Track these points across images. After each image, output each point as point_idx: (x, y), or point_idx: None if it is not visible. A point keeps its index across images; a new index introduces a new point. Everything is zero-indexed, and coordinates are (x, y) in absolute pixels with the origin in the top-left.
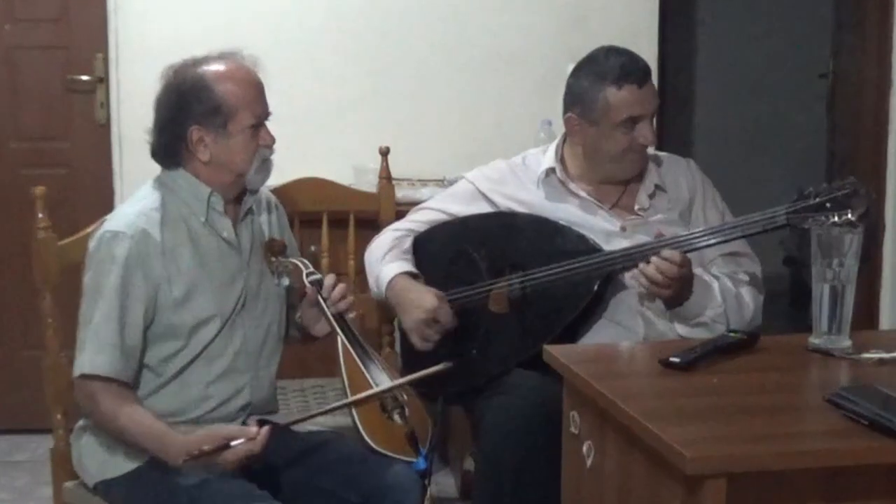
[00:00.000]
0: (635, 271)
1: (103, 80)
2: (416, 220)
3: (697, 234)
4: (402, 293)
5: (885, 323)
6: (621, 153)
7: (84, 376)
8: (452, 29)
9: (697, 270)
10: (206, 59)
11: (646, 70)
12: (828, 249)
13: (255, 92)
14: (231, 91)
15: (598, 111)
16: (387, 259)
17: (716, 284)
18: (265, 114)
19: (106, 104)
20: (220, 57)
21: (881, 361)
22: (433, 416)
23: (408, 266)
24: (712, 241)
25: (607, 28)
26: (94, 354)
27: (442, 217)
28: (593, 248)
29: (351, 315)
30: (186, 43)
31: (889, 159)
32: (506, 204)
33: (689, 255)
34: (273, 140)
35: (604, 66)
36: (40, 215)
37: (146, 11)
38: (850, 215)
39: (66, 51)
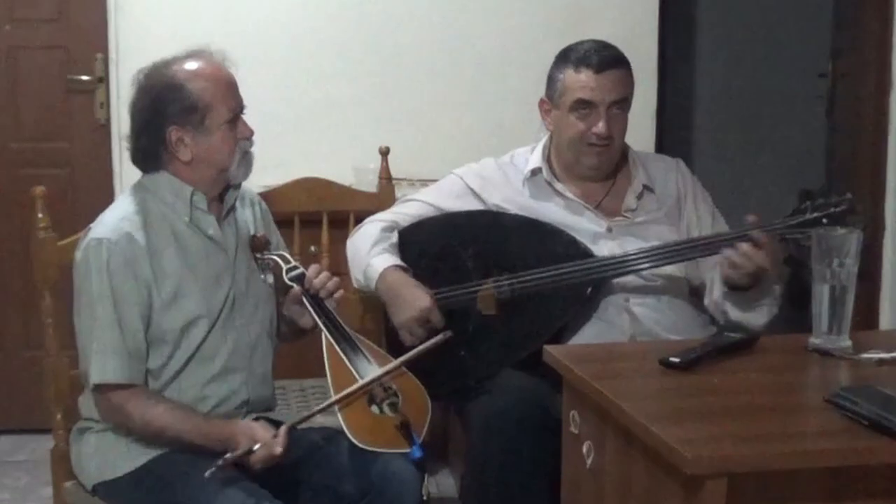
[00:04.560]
0: (728, 253)
1: (103, 80)
2: (402, 213)
3: (699, 242)
4: (395, 288)
5: (885, 323)
6: (578, 140)
7: (103, 387)
8: (452, 29)
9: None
10: (175, 59)
11: (611, 59)
12: (828, 250)
13: (228, 86)
14: (204, 87)
15: (557, 92)
16: (375, 251)
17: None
18: (240, 107)
19: (106, 104)
20: (189, 55)
21: (881, 361)
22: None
23: (398, 260)
24: (708, 252)
25: (607, 28)
26: (103, 363)
27: (429, 211)
28: (584, 253)
29: (337, 295)
30: (186, 43)
31: (889, 159)
32: (493, 201)
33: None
34: (251, 132)
35: (572, 50)
36: (40, 215)
37: (146, 11)
38: (847, 230)
39: (66, 51)
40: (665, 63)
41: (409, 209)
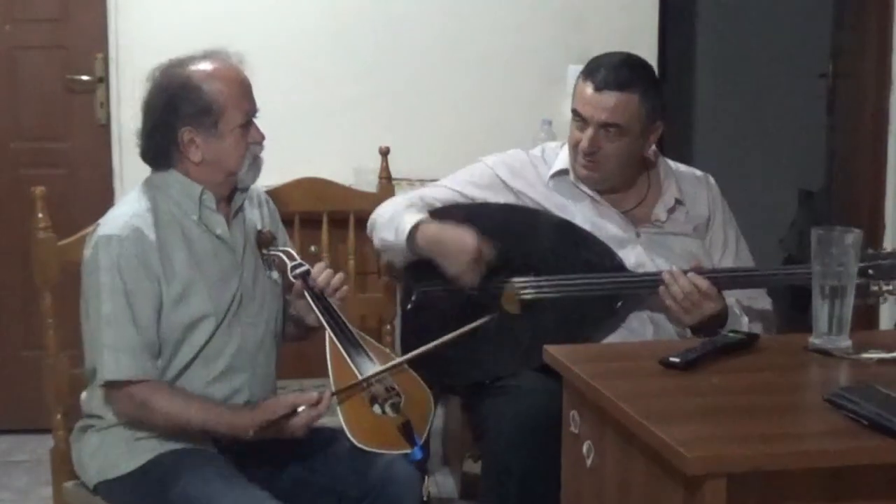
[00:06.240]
0: (662, 288)
1: (103, 80)
2: (430, 196)
3: (737, 274)
4: (438, 235)
5: (885, 323)
6: (572, 147)
7: (117, 384)
8: (452, 29)
9: (731, 301)
10: (193, 59)
11: (615, 81)
12: (828, 250)
13: (243, 90)
14: (220, 90)
15: (571, 96)
16: (410, 212)
17: (745, 319)
18: (253, 111)
19: (106, 104)
20: (206, 56)
21: (881, 361)
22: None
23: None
24: (746, 286)
25: (607, 29)
26: (116, 359)
27: (456, 198)
28: (619, 266)
29: (340, 294)
30: (186, 43)
31: (889, 159)
32: (522, 194)
33: None
34: (262, 137)
35: (594, 60)
36: (40, 215)
37: (146, 11)
38: (892, 287)
39: (66, 51)
40: (665, 63)
41: (436, 194)
